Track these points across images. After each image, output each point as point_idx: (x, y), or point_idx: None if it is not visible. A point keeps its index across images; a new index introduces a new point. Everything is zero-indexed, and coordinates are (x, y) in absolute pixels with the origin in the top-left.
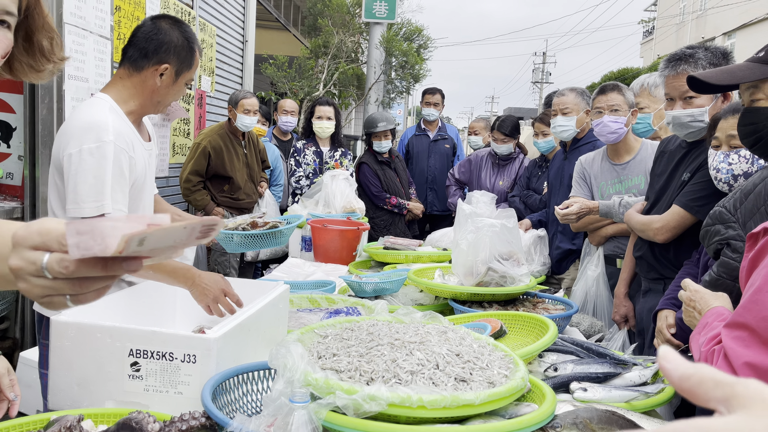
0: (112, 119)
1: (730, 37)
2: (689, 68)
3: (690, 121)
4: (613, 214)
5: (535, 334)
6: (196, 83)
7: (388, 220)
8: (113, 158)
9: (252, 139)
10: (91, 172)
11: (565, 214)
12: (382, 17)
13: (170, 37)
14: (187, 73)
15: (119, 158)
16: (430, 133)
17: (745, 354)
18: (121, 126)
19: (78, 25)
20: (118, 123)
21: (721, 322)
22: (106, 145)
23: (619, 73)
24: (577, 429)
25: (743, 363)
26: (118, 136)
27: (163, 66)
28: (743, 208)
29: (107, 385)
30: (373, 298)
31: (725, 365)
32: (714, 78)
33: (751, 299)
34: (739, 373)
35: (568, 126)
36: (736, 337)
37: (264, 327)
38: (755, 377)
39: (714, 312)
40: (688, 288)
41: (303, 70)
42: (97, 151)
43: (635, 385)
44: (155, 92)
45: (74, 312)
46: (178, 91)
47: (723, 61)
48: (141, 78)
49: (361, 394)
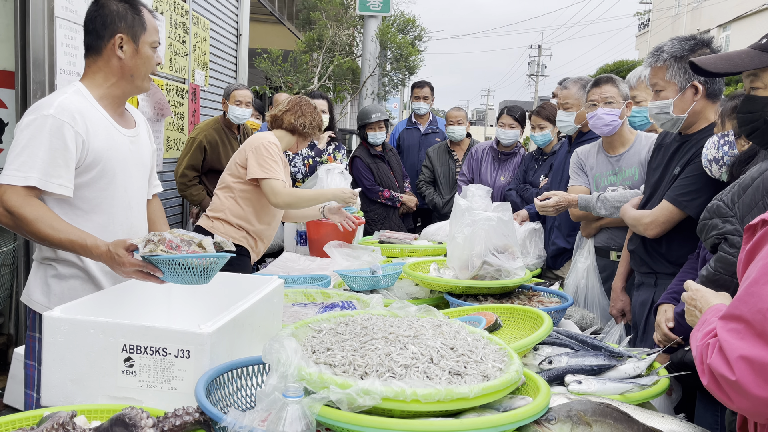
0: (67, 98)
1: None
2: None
3: (657, 113)
4: (591, 208)
5: (530, 327)
6: (189, 78)
7: (382, 213)
8: (50, 130)
9: (247, 133)
10: (22, 143)
11: (542, 206)
12: (377, 10)
13: (111, 8)
14: (144, 35)
15: (61, 131)
16: (421, 126)
17: (740, 347)
18: (74, 103)
19: (70, 19)
20: (71, 100)
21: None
22: (44, 118)
23: (614, 66)
24: (571, 421)
25: (738, 356)
26: (62, 110)
27: (117, 37)
28: (741, 202)
29: (101, 381)
30: (368, 292)
31: (720, 358)
32: (712, 65)
33: (746, 291)
34: (734, 366)
35: (567, 122)
36: (731, 330)
37: (258, 322)
38: (750, 371)
39: (713, 309)
40: (689, 288)
41: (298, 64)
42: (33, 123)
43: (630, 377)
44: (124, 67)
45: (67, 308)
46: (147, 59)
47: (705, 49)
48: (104, 59)
49: (355, 388)
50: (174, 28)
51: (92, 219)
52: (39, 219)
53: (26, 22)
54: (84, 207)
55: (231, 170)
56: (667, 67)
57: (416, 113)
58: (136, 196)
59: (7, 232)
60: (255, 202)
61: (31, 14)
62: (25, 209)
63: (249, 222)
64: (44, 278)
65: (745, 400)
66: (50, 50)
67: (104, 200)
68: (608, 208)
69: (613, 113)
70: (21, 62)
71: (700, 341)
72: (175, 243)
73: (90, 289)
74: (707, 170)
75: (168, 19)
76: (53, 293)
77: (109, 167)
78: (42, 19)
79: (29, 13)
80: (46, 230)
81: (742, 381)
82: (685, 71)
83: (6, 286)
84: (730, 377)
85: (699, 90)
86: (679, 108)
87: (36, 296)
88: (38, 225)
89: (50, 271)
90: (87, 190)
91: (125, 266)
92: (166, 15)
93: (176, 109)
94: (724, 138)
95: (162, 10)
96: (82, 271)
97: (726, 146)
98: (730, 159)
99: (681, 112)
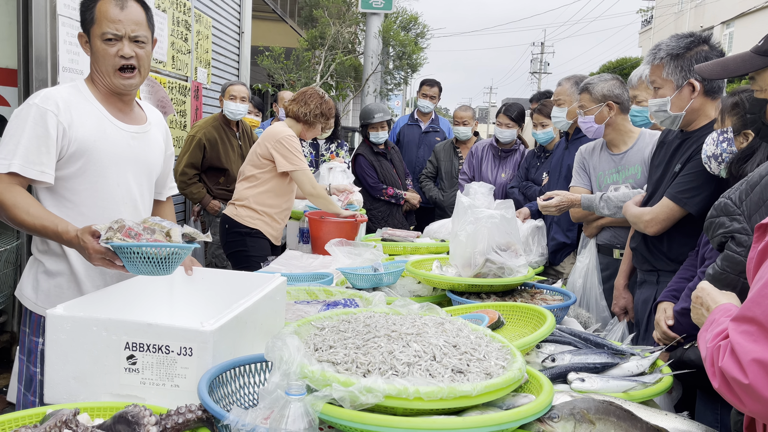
0: (59, 90)
1: (728, 25)
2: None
3: (656, 111)
4: (594, 207)
5: (532, 325)
6: (192, 75)
7: (385, 211)
8: (33, 119)
9: (246, 131)
10: (9, 132)
11: (544, 206)
12: (379, 7)
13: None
14: (94, 27)
15: (44, 119)
16: (423, 124)
17: (753, 350)
18: (62, 93)
19: (72, 17)
20: (60, 90)
21: (727, 318)
22: (29, 107)
23: (617, 63)
24: (574, 419)
25: (752, 359)
26: (46, 99)
27: (78, 35)
28: (749, 201)
29: (103, 379)
30: (371, 290)
31: (732, 361)
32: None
33: (760, 293)
34: (747, 369)
35: (560, 117)
36: (744, 332)
37: (261, 319)
38: (764, 374)
39: (721, 309)
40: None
41: (300, 61)
42: (20, 112)
43: (633, 375)
44: (93, 64)
45: (70, 305)
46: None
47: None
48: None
49: (357, 386)
50: (176, 25)
51: (82, 212)
52: (16, 205)
53: (29, 20)
54: (74, 199)
55: (252, 161)
56: (664, 65)
57: (420, 110)
58: (134, 193)
59: (10, 230)
60: (276, 188)
61: (34, 12)
62: (4, 195)
63: (271, 206)
64: (35, 274)
65: (758, 404)
66: (52, 48)
67: (94, 193)
68: (611, 207)
69: (587, 120)
70: (23, 60)
71: (711, 343)
72: (135, 231)
73: (74, 290)
74: (707, 166)
75: (170, 17)
76: (41, 289)
77: (97, 159)
78: (44, 17)
79: (31, 11)
80: (22, 216)
81: (755, 384)
82: (681, 69)
83: (9, 284)
84: (743, 381)
85: (696, 87)
86: (677, 105)
87: (27, 291)
88: (15, 211)
89: (40, 267)
90: (75, 181)
91: (90, 252)
92: (169, 12)
93: (179, 107)
94: (723, 135)
95: (164, 8)
96: (67, 267)
97: (725, 143)
98: (729, 156)
99: (679, 110)
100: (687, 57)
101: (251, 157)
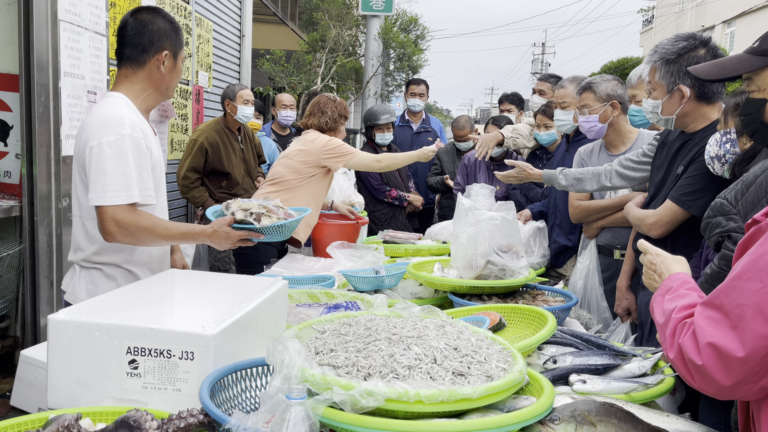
0: (128, 113)
1: (729, 25)
2: None
3: (650, 112)
4: (553, 180)
5: (534, 327)
6: (193, 79)
7: (388, 213)
8: (132, 149)
9: (247, 134)
10: (113, 164)
11: (504, 175)
12: (379, 10)
13: (157, 25)
14: (181, 52)
15: (140, 148)
16: (414, 125)
17: (711, 334)
18: (135, 119)
19: (73, 22)
20: (133, 116)
21: (690, 290)
22: (124, 138)
23: (618, 63)
24: (575, 421)
25: (707, 342)
26: (134, 127)
27: (163, 53)
28: (744, 200)
29: (105, 383)
30: (372, 292)
31: (692, 341)
32: (704, 73)
33: (730, 284)
34: (702, 351)
35: (565, 120)
36: (708, 317)
37: (262, 323)
38: (716, 358)
39: (678, 278)
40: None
41: (301, 64)
42: (116, 143)
43: (635, 376)
44: (162, 80)
45: (72, 310)
46: (179, 73)
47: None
48: (146, 72)
49: (358, 389)
50: None
51: None
52: (155, 225)
53: (30, 26)
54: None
55: (290, 167)
56: (657, 68)
57: (410, 110)
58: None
59: (12, 236)
60: (313, 189)
61: (35, 17)
62: (141, 222)
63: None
64: (89, 277)
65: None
66: (54, 53)
67: (160, 202)
68: (569, 179)
69: (591, 120)
70: (25, 65)
71: (677, 314)
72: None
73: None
74: (710, 167)
75: None
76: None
77: (159, 173)
78: (45, 23)
79: (33, 17)
80: (163, 232)
81: (707, 366)
82: (672, 74)
83: (12, 289)
84: (697, 361)
85: (685, 94)
86: (667, 110)
87: (81, 295)
88: (157, 230)
89: (95, 273)
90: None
91: (234, 239)
92: None
93: (180, 110)
94: (726, 135)
95: None
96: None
97: (728, 144)
98: (732, 156)
99: (669, 114)
100: (678, 62)
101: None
